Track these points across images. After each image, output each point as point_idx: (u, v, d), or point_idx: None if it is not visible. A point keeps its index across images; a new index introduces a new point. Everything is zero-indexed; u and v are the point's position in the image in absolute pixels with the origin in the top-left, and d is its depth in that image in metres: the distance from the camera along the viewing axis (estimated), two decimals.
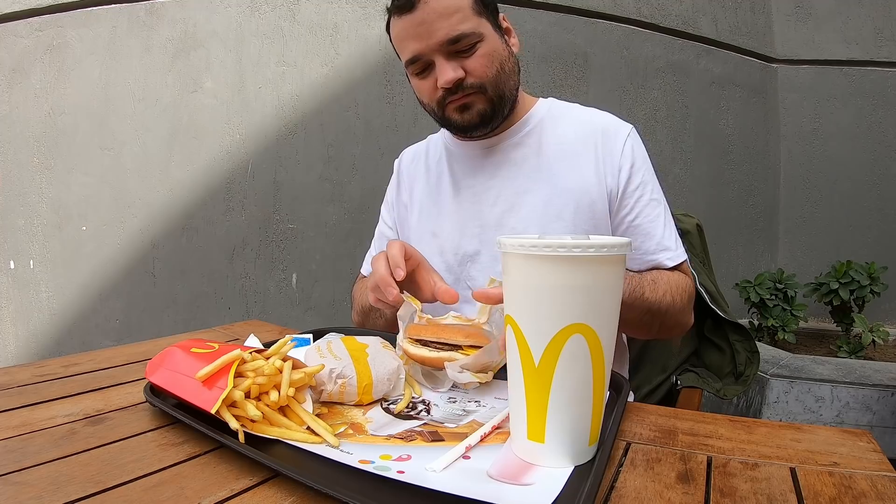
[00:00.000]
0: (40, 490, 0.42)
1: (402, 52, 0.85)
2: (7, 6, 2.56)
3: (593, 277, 0.42)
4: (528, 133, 0.92)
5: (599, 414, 0.46)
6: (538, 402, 0.44)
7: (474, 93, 0.83)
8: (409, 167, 1.03)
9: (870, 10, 3.24)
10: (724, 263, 3.16)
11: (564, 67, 2.80)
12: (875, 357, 2.61)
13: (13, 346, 2.69)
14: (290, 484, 0.43)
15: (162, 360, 0.60)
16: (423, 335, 0.63)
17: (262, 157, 2.58)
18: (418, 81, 0.87)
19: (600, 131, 0.89)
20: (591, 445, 0.46)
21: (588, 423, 0.45)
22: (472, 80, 0.82)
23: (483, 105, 0.84)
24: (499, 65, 0.84)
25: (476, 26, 0.81)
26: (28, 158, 2.62)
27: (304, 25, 2.58)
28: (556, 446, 0.45)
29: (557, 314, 0.43)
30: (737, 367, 1.06)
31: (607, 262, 0.43)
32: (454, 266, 0.92)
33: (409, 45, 0.82)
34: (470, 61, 0.82)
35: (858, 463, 0.48)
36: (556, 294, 0.42)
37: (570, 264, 0.42)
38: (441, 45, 0.80)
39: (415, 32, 0.80)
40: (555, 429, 0.44)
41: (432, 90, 0.85)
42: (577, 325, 0.42)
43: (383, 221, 1.07)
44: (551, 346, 0.43)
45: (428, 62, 0.83)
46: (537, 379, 0.44)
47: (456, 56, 0.81)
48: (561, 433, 0.44)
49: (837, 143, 3.28)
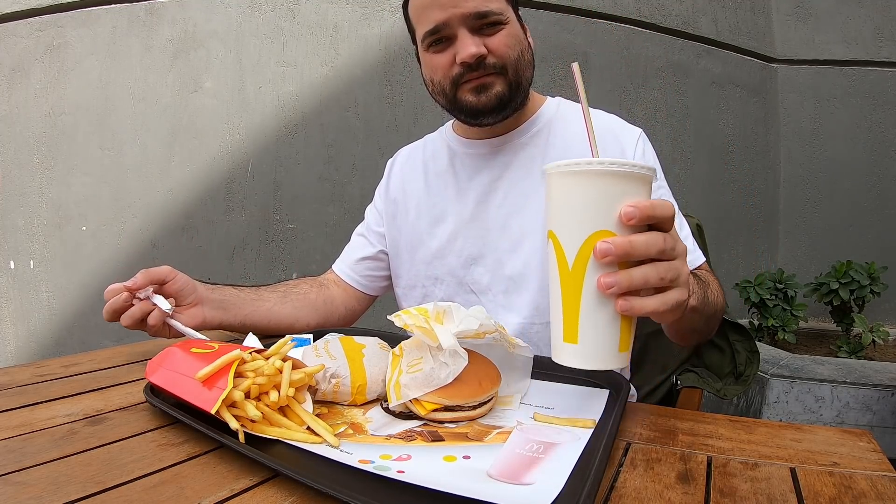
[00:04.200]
0: (40, 490, 0.42)
1: (422, 21, 0.81)
2: (7, 6, 2.56)
3: (620, 189, 0.47)
4: (536, 133, 0.90)
5: (628, 319, 0.48)
6: (572, 304, 0.48)
7: (494, 73, 0.80)
8: (404, 167, 1.01)
9: (870, 10, 3.24)
10: (724, 263, 3.16)
11: (565, 67, 2.80)
12: (875, 357, 2.61)
13: (13, 346, 2.69)
14: (290, 484, 0.43)
15: (162, 360, 0.60)
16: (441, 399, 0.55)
17: (262, 157, 2.58)
18: (432, 56, 0.82)
19: (610, 134, 0.88)
20: (621, 351, 0.49)
21: (617, 325, 0.48)
22: (494, 59, 0.79)
23: (502, 87, 0.81)
24: (520, 51, 0.82)
25: (504, 9, 0.80)
26: (28, 158, 2.62)
27: (304, 25, 2.58)
28: (587, 348, 0.48)
29: (589, 220, 0.47)
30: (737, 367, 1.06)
31: (632, 179, 0.48)
32: (456, 268, 0.91)
33: (433, 13, 0.78)
34: (493, 39, 0.79)
35: (858, 463, 0.48)
36: (589, 203, 0.48)
37: (597, 176, 0.47)
38: (468, 16, 0.77)
39: (441, 1, 0.77)
40: (586, 329, 0.48)
41: (448, 66, 0.81)
42: (603, 232, 0.47)
43: (365, 221, 1.05)
44: (582, 251, 0.47)
45: (448, 35, 0.79)
46: (570, 282, 0.48)
47: (479, 32, 0.79)
48: (593, 334, 0.48)
49: (837, 143, 3.28)
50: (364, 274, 1.02)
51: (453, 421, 0.55)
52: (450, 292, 0.92)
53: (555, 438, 0.50)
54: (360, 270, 1.02)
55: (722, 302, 0.81)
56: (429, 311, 0.58)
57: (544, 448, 0.48)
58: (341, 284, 1.02)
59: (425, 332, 0.56)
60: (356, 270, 1.02)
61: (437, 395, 0.55)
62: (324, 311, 0.96)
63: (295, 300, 0.93)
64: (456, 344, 0.55)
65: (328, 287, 1.00)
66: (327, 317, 0.97)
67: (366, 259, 1.02)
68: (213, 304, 0.83)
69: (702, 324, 0.75)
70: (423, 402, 0.55)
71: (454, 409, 0.55)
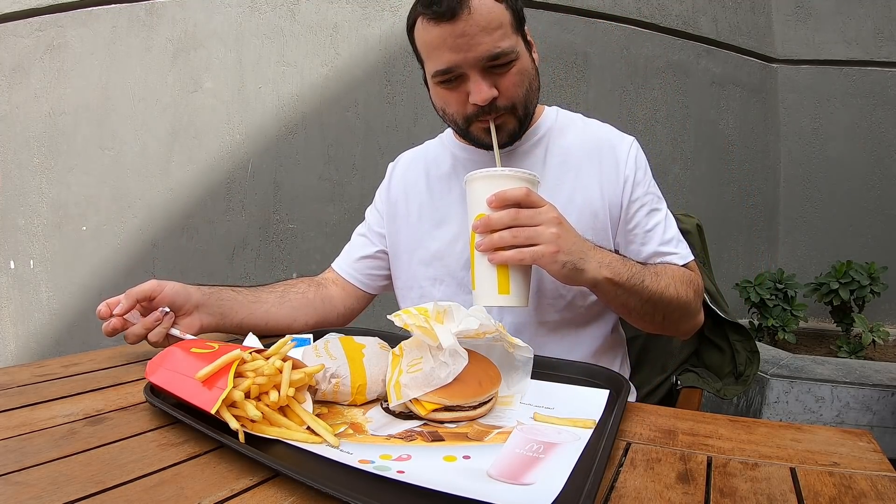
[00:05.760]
0: (40, 490, 0.42)
1: (433, 60, 0.81)
2: (7, 6, 2.56)
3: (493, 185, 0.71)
4: (536, 142, 0.93)
5: (504, 270, 0.69)
6: (472, 263, 0.73)
7: (505, 113, 0.82)
8: (406, 171, 1.03)
9: (870, 10, 3.24)
10: (724, 263, 3.16)
11: (564, 67, 2.80)
12: (875, 357, 2.61)
13: (13, 346, 2.69)
14: (290, 484, 0.43)
15: (162, 360, 0.60)
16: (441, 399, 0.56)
17: (262, 157, 2.58)
18: (444, 92, 0.84)
19: (605, 145, 0.91)
20: (500, 294, 0.69)
21: (494, 274, 0.70)
22: (504, 101, 0.81)
23: (513, 125, 0.85)
24: (528, 84, 0.84)
25: (514, 44, 0.80)
26: (28, 158, 2.62)
27: (304, 25, 2.58)
28: (478, 290, 0.72)
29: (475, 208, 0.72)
30: (737, 367, 1.06)
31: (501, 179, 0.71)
32: (456, 271, 0.92)
33: (444, 55, 0.78)
34: (504, 80, 0.80)
35: (858, 463, 0.48)
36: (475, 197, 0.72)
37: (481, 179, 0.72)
38: (480, 60, 0.77)
39: (453, 44, 0.77)
40: (476, 278, 0.72)
41: (461, 104, 0.83)
42: (481, 215, 0.70)
43: (366, 222, 1.06)
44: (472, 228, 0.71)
45: (459, 75, 0.80)
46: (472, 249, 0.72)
47: (490, 72, 0.80)
48: (479, 281, 0.71)
49: (837, 143, 3.28)
50: (365, 272, 1.03)
51: (453, 421, 0.55)
52: (449, 293, 0.93)
53: (555, 438, 0.51)
54: (361, 269, 1.03)
55: (679, 295, 0.81)
56: (429, 310, 0.58)
57: (544, 448, 0.48)
58: (340, 283, 1.03)
59: (425, 332, 0.56)
60: (357, 269, 1.03)
61: (437, 395, 0.55)
62: (322, 310, 0.97)
63: (293, 300, 0.94)
64: (456, 343, 0.55)
65: (327, 286, 1.01)
66: (325, 316, 0.98)
67: (366, 258, 1.03)
68: (210, 310, 0.84)
69: (637, 304, 0.78)
70: (423, 402, 0.55)
71: (454, 409, 0.55)
